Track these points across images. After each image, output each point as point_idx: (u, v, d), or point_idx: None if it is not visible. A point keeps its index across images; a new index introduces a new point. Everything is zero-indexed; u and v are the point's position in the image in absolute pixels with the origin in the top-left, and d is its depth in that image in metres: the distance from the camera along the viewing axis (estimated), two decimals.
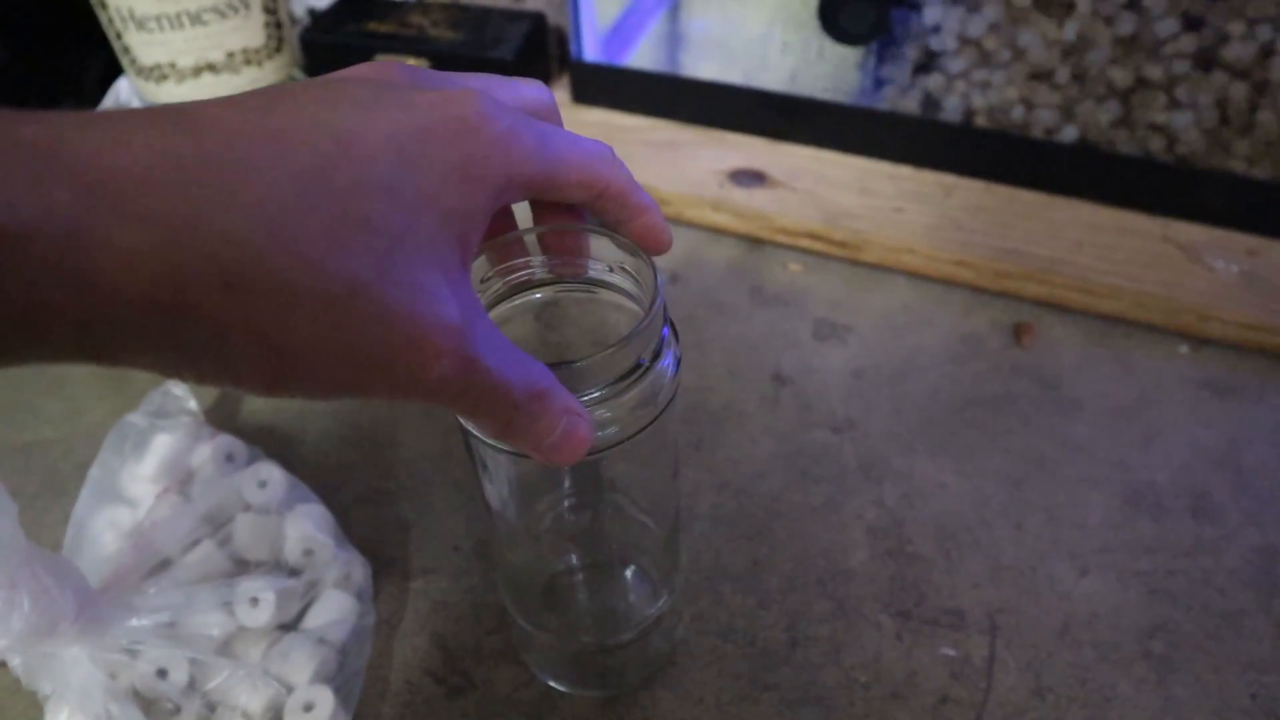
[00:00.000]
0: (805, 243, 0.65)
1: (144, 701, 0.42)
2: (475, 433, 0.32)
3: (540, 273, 0.35)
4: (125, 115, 0.21)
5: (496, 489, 0.38)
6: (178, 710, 0.42)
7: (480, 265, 0.33)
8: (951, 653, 0.46)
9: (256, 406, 0.57)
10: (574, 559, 0.45)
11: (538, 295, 0.35)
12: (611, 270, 0.34)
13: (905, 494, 0.52)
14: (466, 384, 0.25)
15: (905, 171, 0.68)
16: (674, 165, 0.69)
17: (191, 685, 0.43)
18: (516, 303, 0.35)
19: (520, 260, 0.34)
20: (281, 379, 0.23)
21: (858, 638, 0.46)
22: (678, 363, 0.33)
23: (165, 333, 0.21)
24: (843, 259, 0.65)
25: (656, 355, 0.32)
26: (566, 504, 0.43)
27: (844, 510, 0.51)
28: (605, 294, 0.35)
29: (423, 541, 0.50)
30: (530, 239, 0.34)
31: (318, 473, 0.52)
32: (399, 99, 0.25)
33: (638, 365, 0.31)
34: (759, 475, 0.53)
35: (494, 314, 0.34)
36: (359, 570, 0.47)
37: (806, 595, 0.48)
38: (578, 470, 0.42)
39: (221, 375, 0.23)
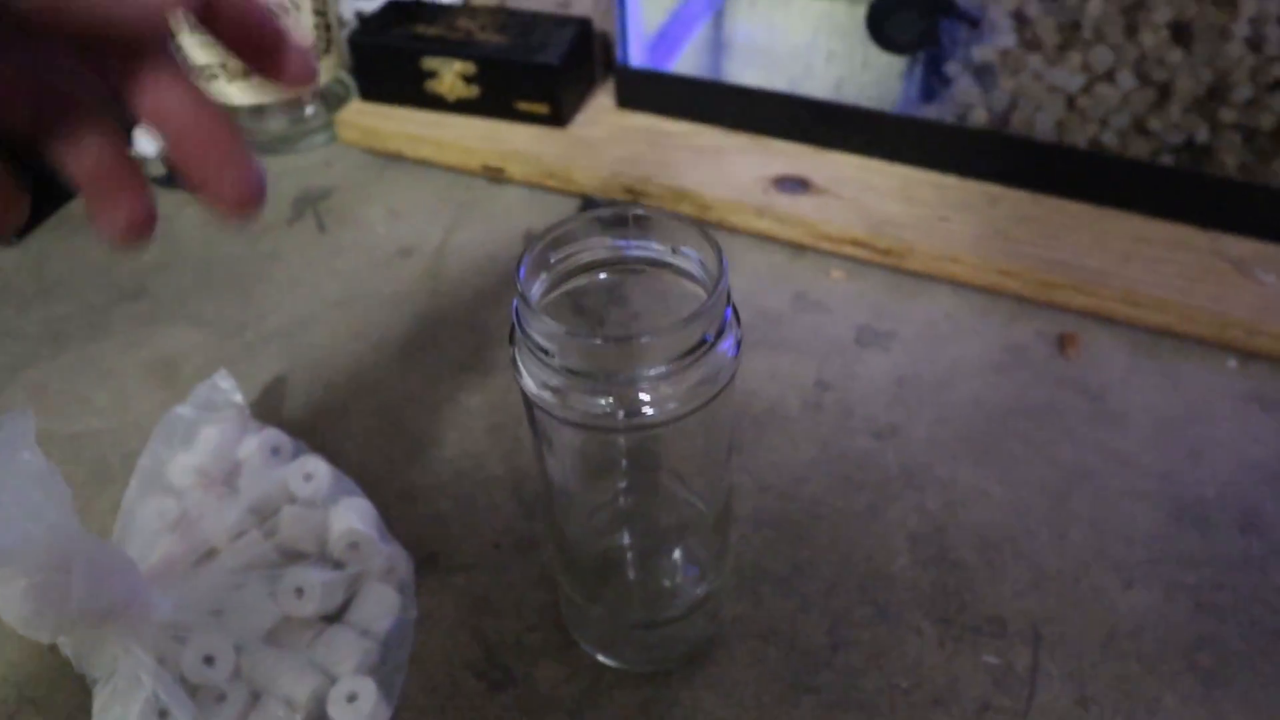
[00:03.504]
0: (849, 250, 0.65)
1: (190, 688, 0.42)
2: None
3: (603, 254, 0.35)
4: None
5: (558, 464, 0.38)
6: (223, 697, 0.43)
7: (542, 250, 0.34)
8: (994, 660, 0.45)
9: (300, 402, 0.58)
10: (626, 537, 0.46)
11: (602, 276, 0.36)
12: (674, 251, 0.35)
13: (948, 502, 0.52)
14: None
15: (950, 181, 0.68)
16: (718, 171, 0.69)
17: (237, 673, 0.43)
18: (580, 282, 0.36)
19: (583, 242, 0.35)
20: None
21: (899, 643, 0.46)
22: (738, 345, 0.34)
23: None
24: (886, 267, 0.65)
25: (720, 334, 0.33)
26: (622, 484, 0.44)
27: (886, 516, 0.51)
28: (667, 275, 0.36)
29: (464, 537, 0.50)
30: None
31: (360, 468, 0.53)
32: None
33: (702, 342, 0.32)
34: (800, 479, 0.53)
35: (558, 294, 0.35)
36: (402, 564, 0.48)
37: (848, 600, 0.47)
38: (635, 450, 0.42)
39: None
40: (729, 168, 0.70)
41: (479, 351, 0.61)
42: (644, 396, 0.33)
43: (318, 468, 0.50)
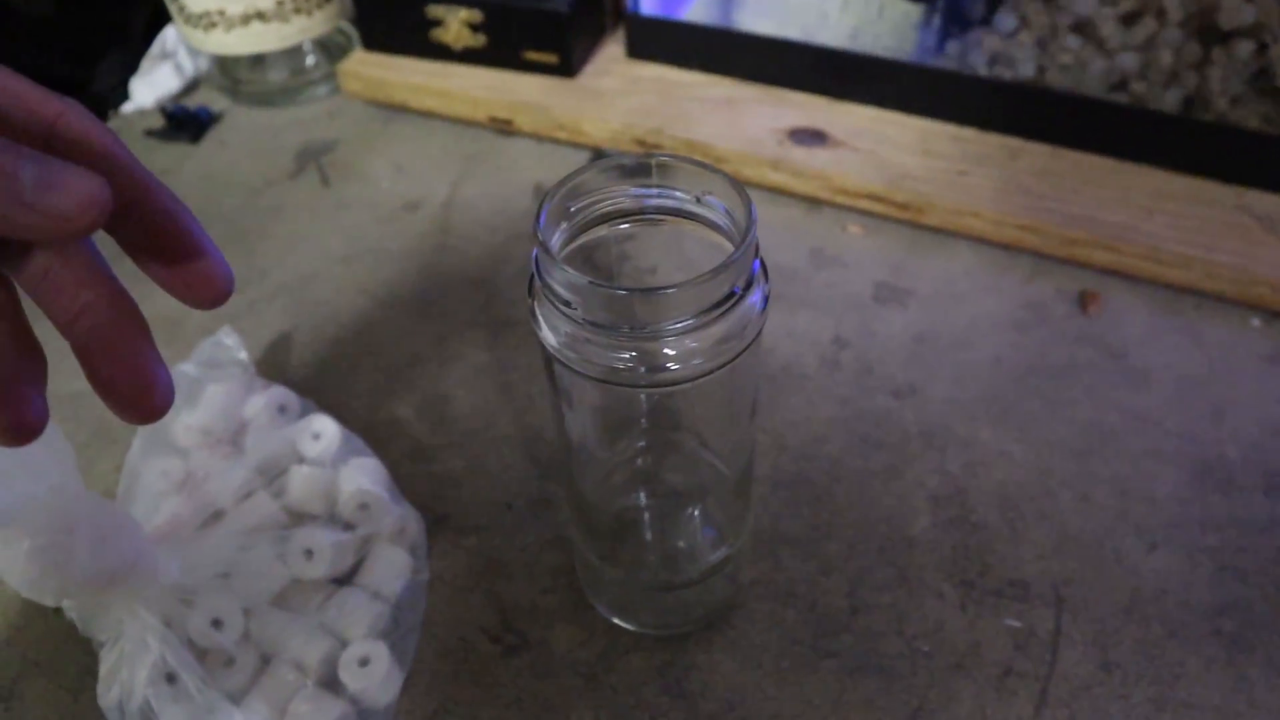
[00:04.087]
0: (866, 204, 0.63)
1: (198, 651, 0.42)
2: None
3: (625, 203, 0.34)
4: None
5: (576, 421, 0.37)
6: (232, 661, 0.42)
7: (562, 198, 0.33)
8: (1016, 624, 0.45)
9: (306, 360, 0.57)
10: (644, 497, 0.45)
11: (623, 226, 0.35)
12: (698, 201, 0.34)
13: (968, 462, 0.51)
14: None
15: (969, 134, 0.66)
16: (731, 123, 0.68)
17: (246, 636, 0.42)
18: (600, 233, 0.34)
19: (604, 192, 0.33)
20: None
21: (920, 606, 0.45)
22: (766, 300, 0.33)
23: None
24: (904, 222, 0.63)
25: (748, 287, 0.31)
26: (641, 443, 0.43)
27: (905, 477, 0.50)
28: (689, 226, 0.34)
29: (475, 499, 0.49)
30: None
31: (368, 427, 0.52)
32: None
33: (730, 295, 0.31)
34: (819, 439, 0.52)
35: (577, 244, 0.34)
36: (413, 525, 0.47)
37: (868, 562, 0.47)
38: (656, 407, 0.41)
39: None
40: (742, 119, 0.68)
41: (488, 308, 0.59)
42: (668, 351, 0.32)
43: (326, 426, 0.49)
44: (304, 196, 0.69)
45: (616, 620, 0.44)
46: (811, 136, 0.66)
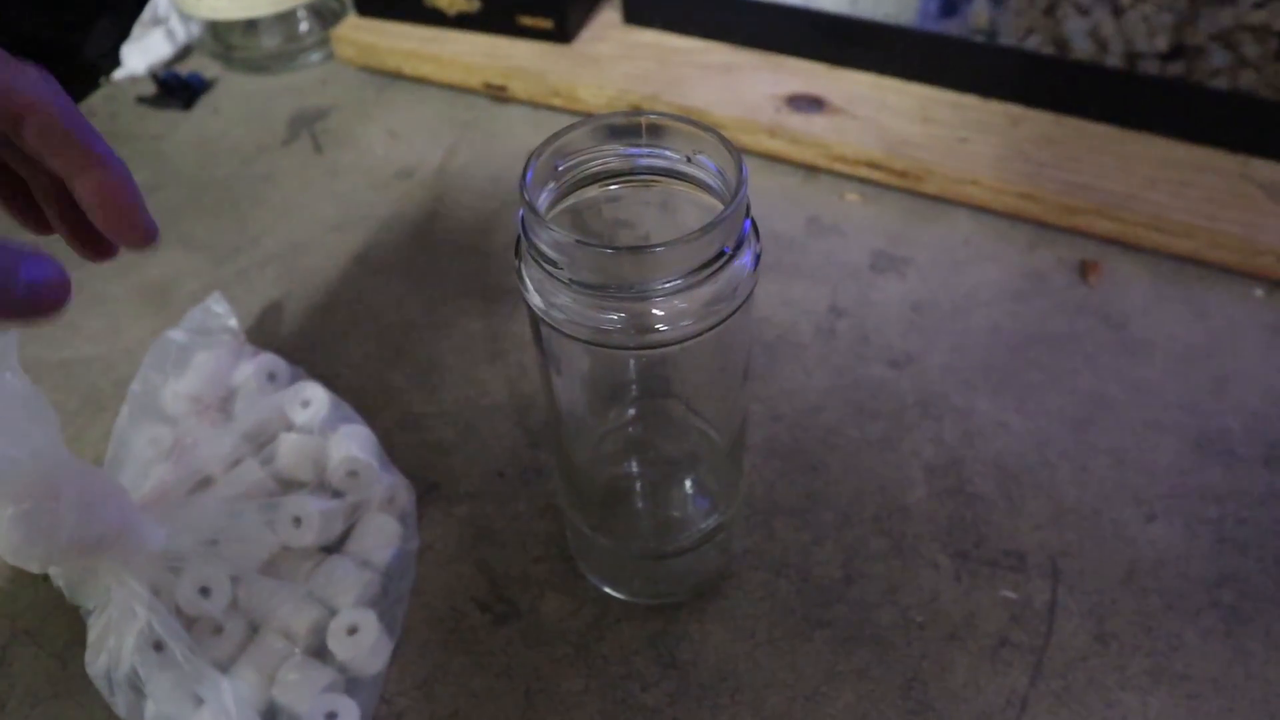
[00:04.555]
0: (864, 172, 0.63)
1: (186, 620, 0.41)
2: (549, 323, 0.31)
3: (614, 163, 0.33)
4: None
5: (566, 387, 0.37)
6: (220, 629, 0.41)
7: (549, 159, 0.32)
8: (1011, 595, 0.44)
9: (297, 328, 0.56)
10: (635, 465, 0.44)
11: (613, 187, 0.34)
12: (688, 160, 0.33)
13: (965, 432, 0.50)
14: None
15: (970, 101, 0.65)
16: (729, 89, 0.67)
17: (234, 605, 0.42)
18: (588, 194, 0.34)
19: (593, 151, 0.33)
20: None
21: (914, 577, 0.45)
22: (757, 259, 0.32)
23: None
24: (903, 190, 0.63)
25: (739, 247, 0.31)
26: (632, 410, 0.42)
27: (901, 447, 0.49)
28: (679, 186, 0.34)
29: (467, 467, 0.49)
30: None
31: (359, 395, 0.51)
32: None
33: (720, 254, 0.30)
34: (814, 408, 0.51)
35: (565, 206, 0.33)
36: (403, 494, 0.46)
37: (862, 532, 0.46)
38: (645, 373, 0.41)
39: None
40: (740, 86, 0.67)
41: (481, 276, 0.59)
42: (657, 312, 0.31)
43: (315, 394, 0.48)
44: (297, 164, 0.68)
45: (608, 589, 0.44)
46: (809, 103, 0.65)
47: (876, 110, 0.65)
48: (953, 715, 0.41)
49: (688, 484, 0.44)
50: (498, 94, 0.71)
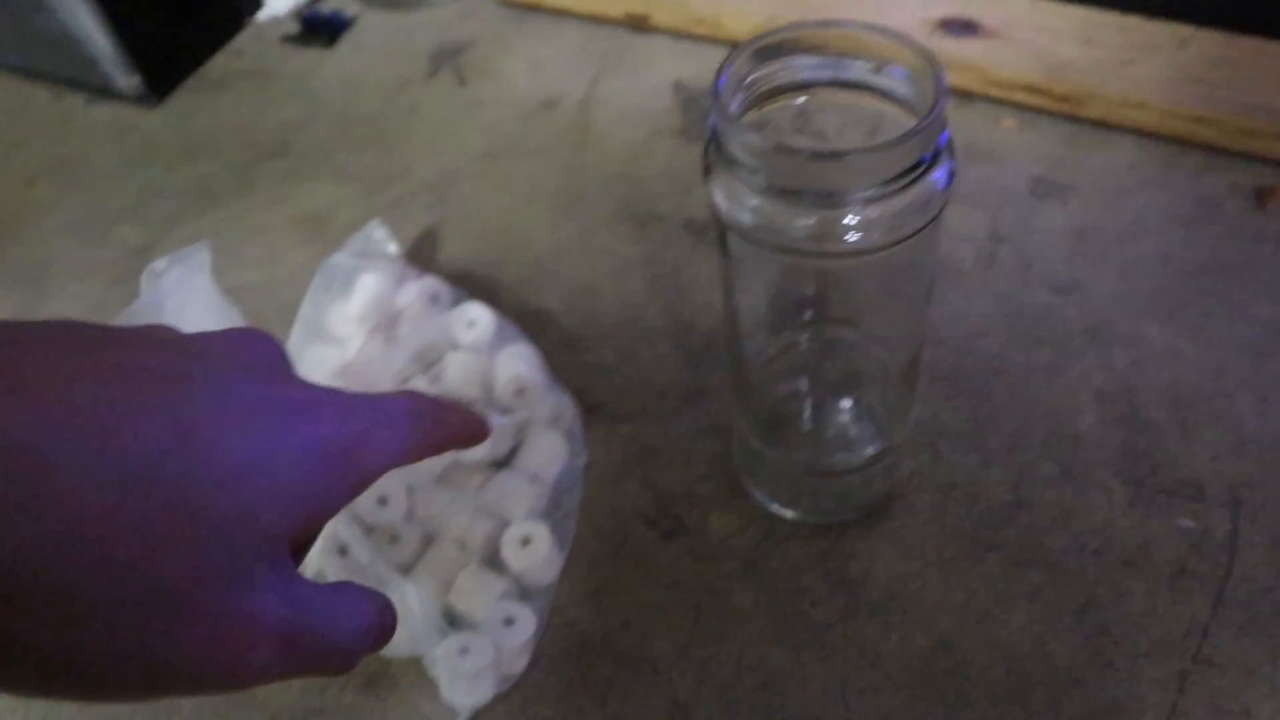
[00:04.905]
0: (1021, 97, 0.61)
1: (365, 528, 0.43)
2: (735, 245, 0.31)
3: (804, 74, 0.33)
4: None
5: (747, 298, 0.37)
6: (397, 538, 0.43)
7: (741, 66, 0.32)
8: (1189, 524, 0.43)
9: (452, 254, 0.57)
10: (806, 383, 0.44)
11: (800, 99, 0.33)
12: (877, 71, 0.32)
13: (1135, 360, 0.49)
14: (291, 661, 0.22)
15: (1134, 21, 0.62)
16: (878, 12, 0.65)
17: (410, 515, 0.43)
18: (776, 105, 0.33)
19: (780, 62, 0.32)
20: (82, 690, 0.20)
21: (1087, 503, 0.44)
22: (951, 176, 0.31)
23: None
24: (1063, 115, 0.60)
25: (935, 159, 0.30)
26: (808, 330, 0.42)
27: (1069, 374, 0.48)
28: (868, 98, 0.33)
29: (628, 387, 0.49)
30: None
31: (517, 318, 0.52)
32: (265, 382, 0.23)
33: (917, 164, 0.30)
34: (977, 334, 0.50)
35: (751, 116, 0.33)
36: (569, 411, 0.47)
37: (1031, 457, 0.45)
38: (828, 287, 0.40)
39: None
40: (890, 10, 0.65)
41: (632, 204, 0.59)
42: (849, 221, 0.31)
43: (480, 314, 0.49)
44: (441, 97, 0.69)
45: (774, 508, 0.44)
46: (962, 27, 0.63)
47: (1034, 33, 0.62)
48: (1131, 641, 0.40)
49: (858, 404, 0.44)
50: (639, 23, 0.71)
